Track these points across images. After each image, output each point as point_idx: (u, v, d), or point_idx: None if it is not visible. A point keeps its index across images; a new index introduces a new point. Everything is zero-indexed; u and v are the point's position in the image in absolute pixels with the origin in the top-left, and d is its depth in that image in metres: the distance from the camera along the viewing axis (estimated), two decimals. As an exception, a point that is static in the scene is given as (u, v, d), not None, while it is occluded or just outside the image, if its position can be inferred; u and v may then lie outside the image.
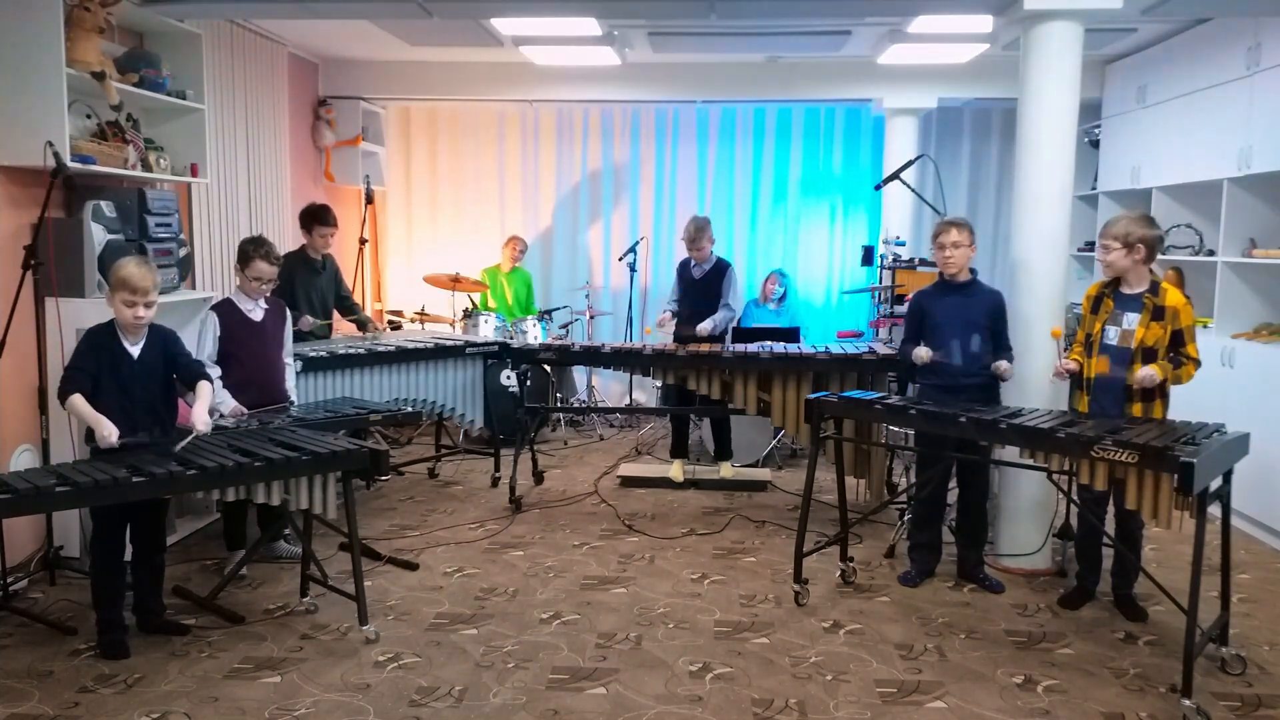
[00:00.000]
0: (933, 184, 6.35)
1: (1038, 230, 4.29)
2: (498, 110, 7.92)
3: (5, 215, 4.16)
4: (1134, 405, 3.75)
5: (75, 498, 3.08)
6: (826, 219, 7.98)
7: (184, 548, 4.62)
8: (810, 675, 3.38)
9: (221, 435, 3.66)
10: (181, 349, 3.69)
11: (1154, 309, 3.72)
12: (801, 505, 4.09)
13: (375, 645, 3.58)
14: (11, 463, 4.09)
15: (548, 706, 3.14)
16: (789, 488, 5.77)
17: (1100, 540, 4.03)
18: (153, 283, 3.47)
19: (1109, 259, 3.78)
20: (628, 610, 3.94)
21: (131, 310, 3.43)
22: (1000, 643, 3.67)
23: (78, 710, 3.09)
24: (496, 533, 4.94)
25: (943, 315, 4.24)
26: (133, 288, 3.40)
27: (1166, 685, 3.31)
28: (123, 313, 3.45)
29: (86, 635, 3.58)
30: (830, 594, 4.14)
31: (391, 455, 4.84)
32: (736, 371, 5.06)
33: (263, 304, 4.32)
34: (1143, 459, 3.14)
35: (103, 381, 3.44)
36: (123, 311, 3.44)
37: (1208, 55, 5.60)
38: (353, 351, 5.15)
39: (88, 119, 4.48)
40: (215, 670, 3.37)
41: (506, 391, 6.47)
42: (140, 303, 3.43)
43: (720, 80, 7.21)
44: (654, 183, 8.02)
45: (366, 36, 6.34)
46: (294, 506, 3.54)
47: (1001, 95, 6.84)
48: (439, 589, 4.16)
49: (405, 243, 8.15)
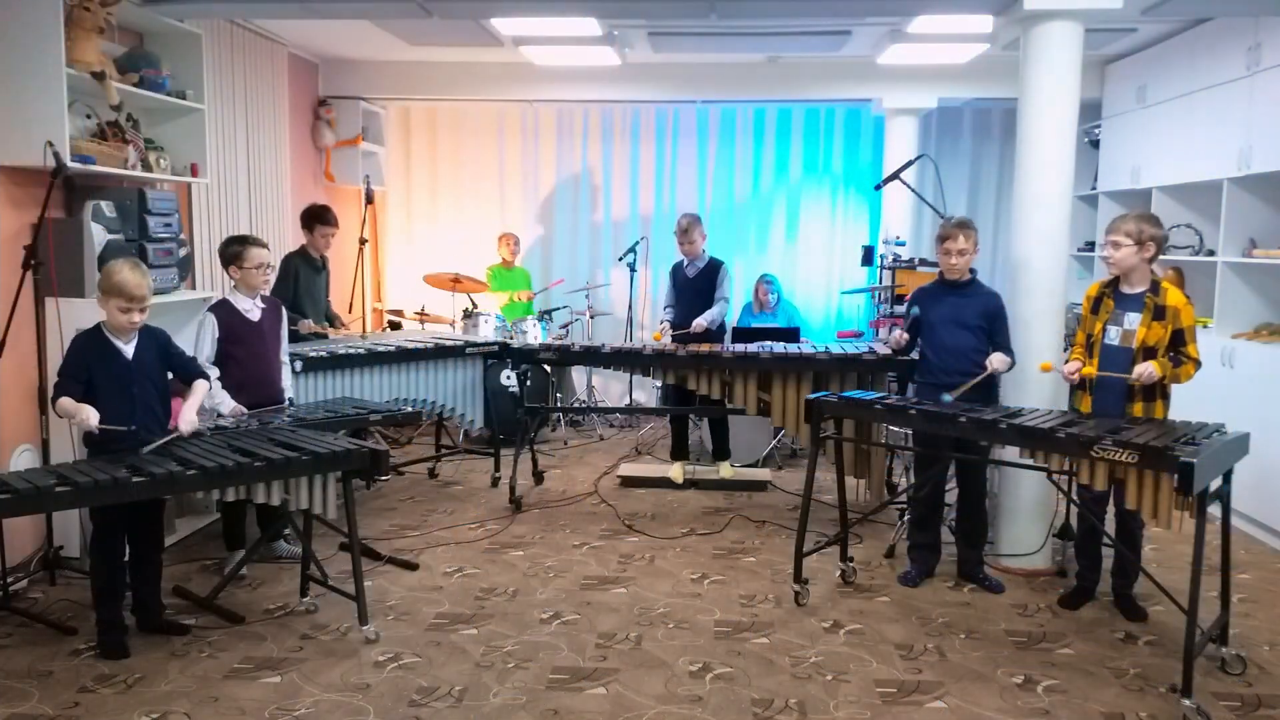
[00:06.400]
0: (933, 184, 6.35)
1: (1038, 230, 4.29)
2: (498, 110, 7.92)
3: (5, 215, 4.16)
4: (1136, 405, 3.75)
5: (75, 498, 3.08)
6: (826, 219, 7.99)
7: (184, 548, 4.63)
8: (810, 675, 3.38)
9: (221, 435, 3.66)
10: (176, 348, 3.69)
11: (1155, 308, 3.71)
12: (801, 505, 4.09)
13: (375, 645, 3.58)
14: (11, 463, 4.09)
15: (548, 706, 3.14)
16: (789, 488, 5.76)
17: (1100, 540, 4.03)
18: (149, 289, 3.46)
19: (1118, 255, 3.76)
20: (628, 610, 3.94)
21: (126, 316, 3.43)
22: (1000, 643, 3.67)
23: (78, 710, 3.09)
24: (496, 533, 4.94)
25: (939, 314, 4.24)
26: (129, 295, 3.40)
27: (1166, 685, 3.31)
28: (118, 318, 3.44)
29: (86, 635, 3.58)
30: (830, 594, 4.14)
31: (391, 455, 4.84)
32: (736, 371, 5.06)
33: (260, 303, 4.31)
34: (1143, 459, 3.14)
35: (99, 383, 3.43)
36: (118, 317, 3.44)
37: (1208, 55, 5.60)
38: (353, 351, 5.15)
39: (88, 119, 4.48)
40: (215, 670, 3.37)
41: (506, 391, 6.47)
42: (135, 309, 3.44)
43: (720, 80, 7.21)
44: (654, 183, 8.02)
45: (366, 36, 6.35)
46: (294, 506, 3.55)
47: (1001, 95, 6.84)
48: (439, 589, 4.16)
49: (405, 243, 8.15)
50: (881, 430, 4.87)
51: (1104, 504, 3.89)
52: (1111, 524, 3.93)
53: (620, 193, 8.06)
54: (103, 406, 3.39)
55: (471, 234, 7.99)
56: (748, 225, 8.00)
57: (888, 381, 5.02)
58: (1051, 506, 4.39)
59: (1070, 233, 4.38)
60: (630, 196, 8.05)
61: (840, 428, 4.33)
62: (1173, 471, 3.03)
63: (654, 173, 8.01)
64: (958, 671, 3.42)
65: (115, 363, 3.47)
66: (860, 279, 7.65)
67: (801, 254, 8.00)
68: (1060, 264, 4.32)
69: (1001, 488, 4.48)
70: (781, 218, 7.99)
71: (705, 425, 6.22)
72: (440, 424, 6.57)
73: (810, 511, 4.09)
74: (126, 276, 3.40)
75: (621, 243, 7.82)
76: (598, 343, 6.43)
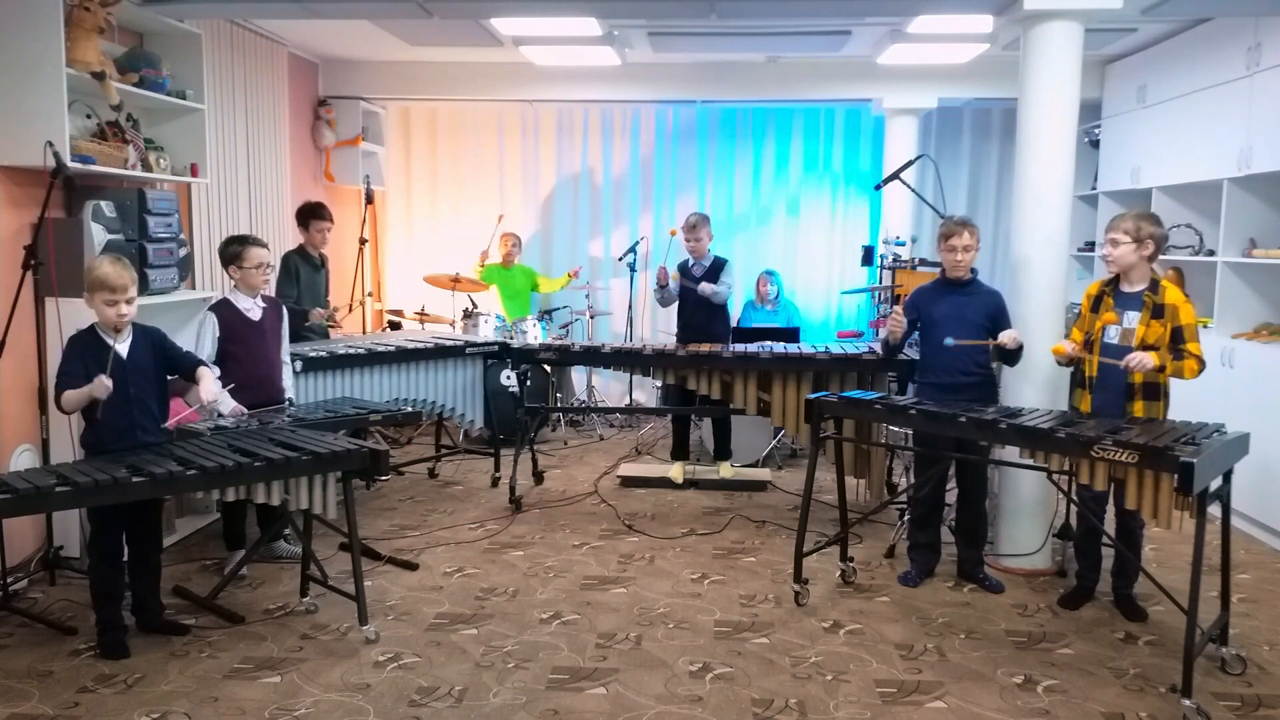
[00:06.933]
0: (933, 184, 6.36)
1: (1038, 230, 4.29)
2: (498, 110, 7.92)
3: (5, 215, 4.16)
4: (1136, 404, 3.75)
5: (75, 498, 3.08)
6: (826, 219, 7.98)
7: (184, 548, 4.63)
8: (810, 675, 3.38)
9: (221, 435, 3.66)
10: (171, 344, 3.67)
11: (1154, 307, 3.71)
12: (801, 505, 4.09)
13: (375, 645, 3.58)
14: (11, 463, 4.09)
15: (548, 706, 3.14)
16: (789, 488, 5.76)
17: (1100, 540, 4.03)
18: (130, 279, 3.44)
19: (1116, 253, 3.77)
20: (628, 610, 3.94)
21: (114, 309, 3.42)
22: (1000, 643, 3.67)
23: (78, 710, 3.09)
24: (496, 533, 4.94)
25: (941, 314, 4.23)
26: (111, 286, 3.39)
27: (1166, 685, 3.31)
28: (105, 313, 3.43)
29: (86, 635, 3.58)
30: (830, 594, 4.14)
31: (391, 455, 4.84)
32: (736, 371, 5.06)
33: (260, 303, 4.32)
34: (1143, 459, 3.14)
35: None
36: (105, 311, 3.43)
37: (1208, 55, 5.61)
38: (353, 351, 5.15)
39: (88, 119, 4.48)
40: (215, 670, 3.37)
41: (506, 391, 6.47)
42: (121, 300, 3.42)
43: (720, 80, 7.21)
44: (654, 182, 8.02)
45: (366, 36, 6.35)
46: (294, 506, 3.54)
47: (1001, 95, 6.84)
48: (439, 589, 4.16)
49: (405, 243, 8.15)
50: (881, 430, 4.87)
51: (1103, 503, 3.89)
52: (1111, 524, 3.93)
53: (620, 193, 8.05)
54: (101, 404, 3.39)
55: (471, 234, 7.99)
56: (748, 225, 8.00)
57: (888, 381, 5.03)
58: (1051, 506, 4.39)
59: (1070, 233, 4.38)
60: (630, 196, 8.04)
61: (840, 428, 4.32)
62: (1173, 471, 3.03)
63: (654, 173, 8.01)
64: (958, 671, 3.42)
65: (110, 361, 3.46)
66: (860, 279, 7.66)
67: (801, 254, 8.00)
68: (1060, 264, 4.32)
69: (1001, 488, 4.48)
70: (781, 218, 7.99)
71: (706, 425, 6.22)
72: (440, 424, 6.57)
73: (810, 511, 4.09)
74: (106, 269, 3.40)
75: (621, 242, 7.83)
76: (598, 343, 6.44)
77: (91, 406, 3.40)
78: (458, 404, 5.67)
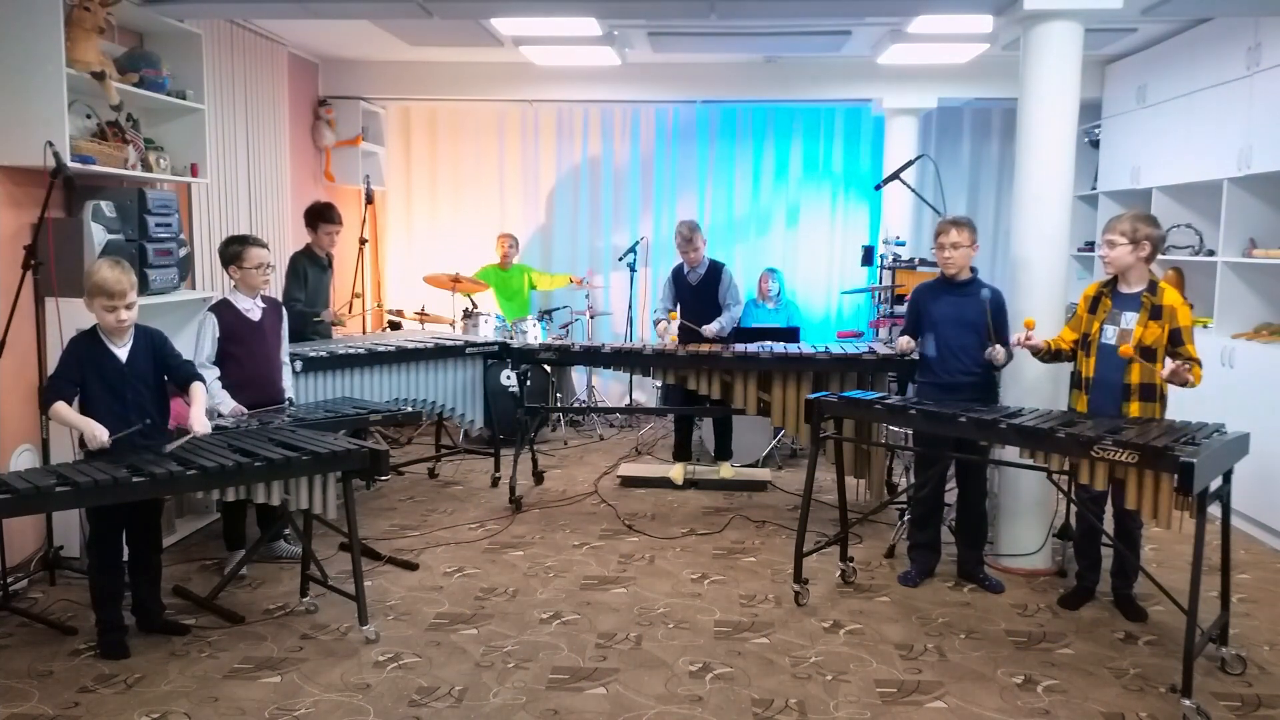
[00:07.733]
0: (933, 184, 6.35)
1: (1038, 230, 4.29)
2: (498, 110, 7.92)
3: (5, 215, 4.16)
4: (1132, 405, 3.75)
5: (75, 498, 3.07)
6: (826, 219, 7.98)
7: (184, 548, 4.63)
8: (810, 675, 3.38)
9: (221, 435, 3.66)
10: (171, 350, 3.65)
11: (1152, 308, 3.72)
12: (801, 505, 4.09)
13: (375, 645, 3.58)
14: (11, 463, 4.09)
15: (548, 706, 3.14)
16: (789, 488, 5.77)
17: (1100, 540, 4.03)
18: (129, 284, 3.41)
19: (1113, 254, 3.78)
20: (628, 610, 3.94)
21: (113, 315, 3.39)
22: (1000, 643, 3.67)
23: (78, 710, 3.09)
24: (496, 533, 4.94)
25: (940, 312, 4.24)
26: (109, 292, 3.36)
27: (1166, 685, 3.31)
28: (104, 318, 3.41)
29: (86, 635, 3.58)
30: (830, 594, 4.14)
31: (391, 455, 4.84)
32: (736, 371, 5.06)
33: (260, 303, 4.32)
34: (1142, 459, 3.14)
35: (92, 387, 3.42)
36: (104, 317, 3.41)
37: (1208, 55, 5.60)
38: (353, 351, 5.15)
39: (88, 119, 4.48)
40: (215, 670, 3.37)
41: (506, 391, 6.47)
42: (120, 305, 3.39)
43: (720, 80, 7.21)
44: (654, 183, 8.02)
45: (366, 36, 6.35)
46: (294, 506, 3.54)
47: (1001, 95, 6.85)
48: (439, 589, 4.16)
49: (405, 243, 8.15)
50: (881, 430, 4.87)
51: (1102, 504, 3.89)
52: (1111, 524, 3.93)
53: (620, 193, 8.05)
54: (97, 409, 3.39)
55: (471, 234, 7.99)
56: (748, 226, 8.00)
57: (888, 381, 5.03)
58: (1051, 506, 4.39)
59: (1070, 233, 4.38)
60: (630, 196, 8.04)
61: (840, 428, 4.33)
62: (1173, 471, 3.03)
63: (654, 173, 8.00)
64: (958, 671, 3.42)
65: (109, 365, 3.45)
66: (860, 279, 7.66)
67: (801, 254, 7.99)
68: (1060, 264, 4.32)
69: (1001, 488, 4.48)
70: (781, 218, 7.99)
71: (706, 425, 6.22)
72: (440, 424, 6.57)
73: (810, 511, 4.10)
74: (105, 274, 3.37)
75: (621, 242, 7.82)
76: (598, 343, 6.44)
77: (89, 408, 3.40)
78: (458, 404, 5.67)
